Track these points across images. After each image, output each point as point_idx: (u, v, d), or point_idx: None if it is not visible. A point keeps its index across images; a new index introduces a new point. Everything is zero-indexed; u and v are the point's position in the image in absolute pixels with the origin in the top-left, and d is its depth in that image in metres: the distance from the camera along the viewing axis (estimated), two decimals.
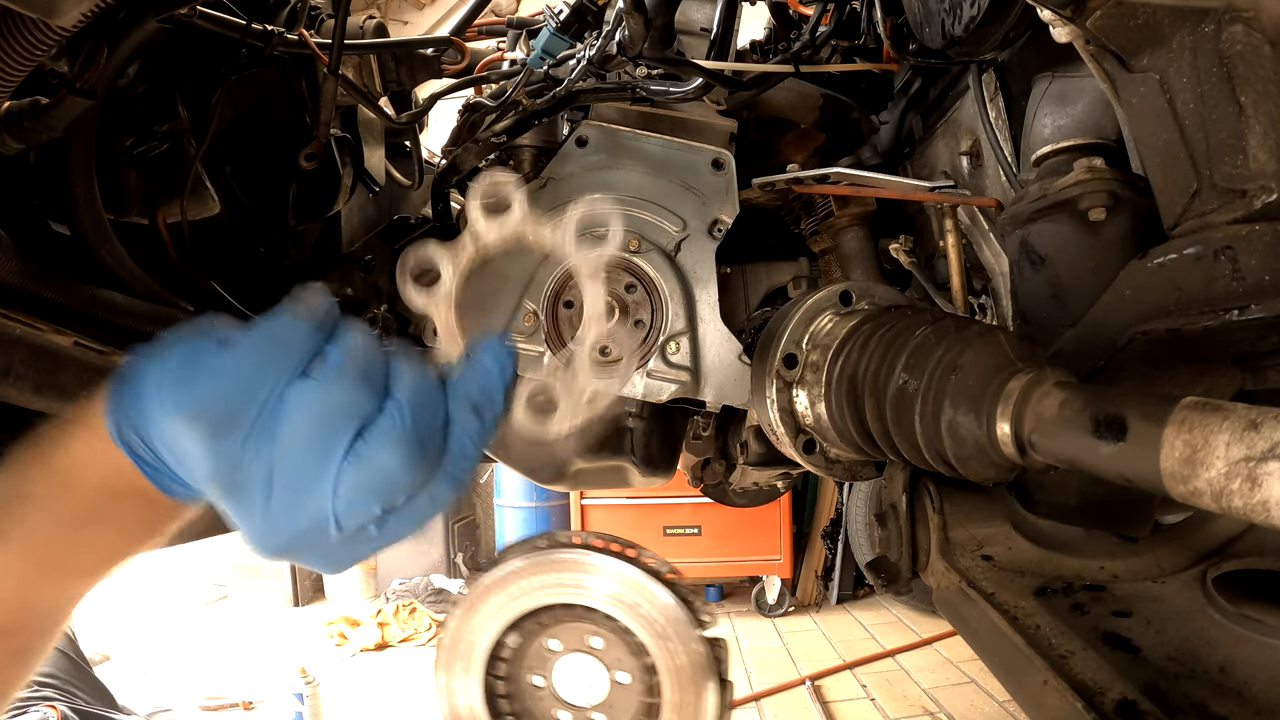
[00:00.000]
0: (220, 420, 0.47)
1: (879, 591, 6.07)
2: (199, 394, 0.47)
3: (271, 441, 0.47)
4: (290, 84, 1.26)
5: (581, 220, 0.55)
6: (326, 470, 0.47)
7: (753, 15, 1.56)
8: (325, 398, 0.48)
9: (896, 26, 1.40)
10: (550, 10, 1.27)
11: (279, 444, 0.47)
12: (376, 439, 0.48)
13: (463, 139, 1.50)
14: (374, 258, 1.40)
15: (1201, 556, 0.98)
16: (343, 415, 0.48)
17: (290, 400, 0.47)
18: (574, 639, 0.90)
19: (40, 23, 0.69)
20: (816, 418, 1.08)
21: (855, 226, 1.50)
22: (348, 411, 0.48)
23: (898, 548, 1.07)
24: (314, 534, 0.48)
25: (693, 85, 1.26)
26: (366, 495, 0.48)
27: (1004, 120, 1.26)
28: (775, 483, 1.94)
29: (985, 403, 0.74)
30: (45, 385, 0.86)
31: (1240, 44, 0.73)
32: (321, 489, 0.47)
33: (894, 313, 1.03)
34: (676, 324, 1.27)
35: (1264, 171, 0.73)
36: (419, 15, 5.29)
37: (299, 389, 0.48)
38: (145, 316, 1.03)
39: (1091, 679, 0.77)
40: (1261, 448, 0.49)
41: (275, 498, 0.47)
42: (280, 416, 0.47)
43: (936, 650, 4.89)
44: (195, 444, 0.48)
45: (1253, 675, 0.77)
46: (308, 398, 0.48)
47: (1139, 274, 0.86)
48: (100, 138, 1.00)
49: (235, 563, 6.49)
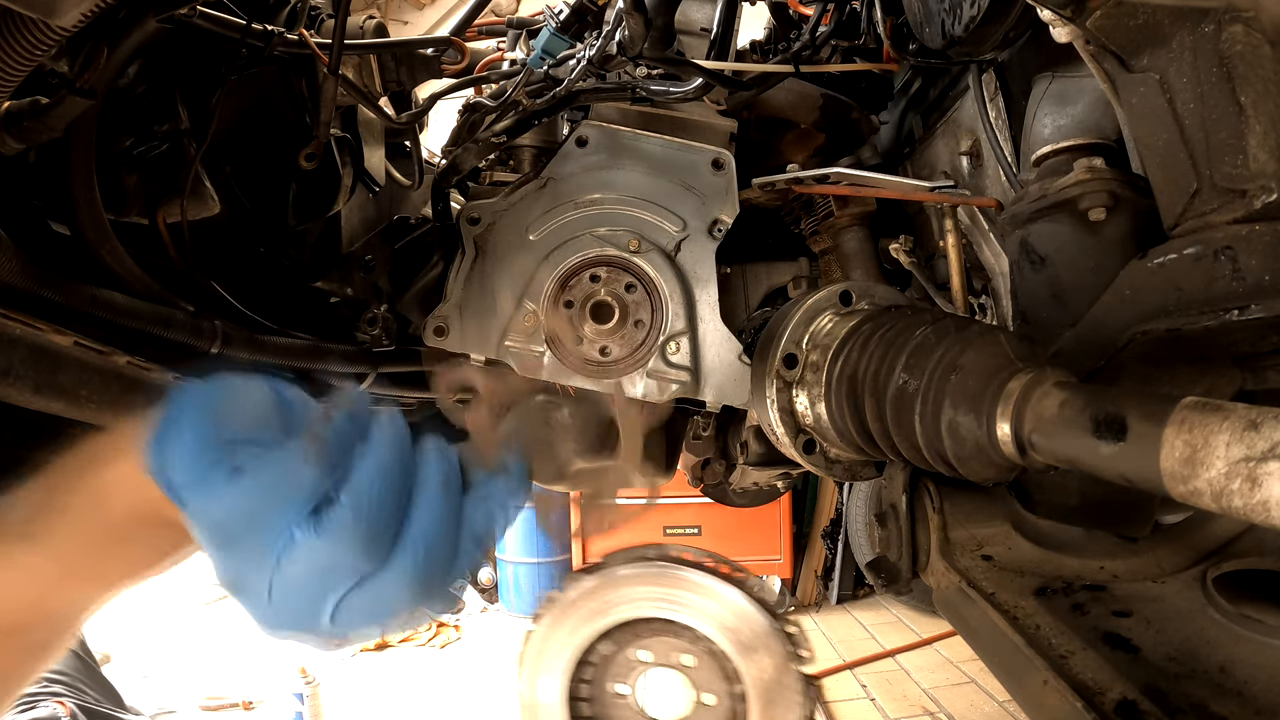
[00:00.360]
0: (225, 542, 0.50)
1: (879, 591, 6.07)
2: (211, 516, 0.50)
3: (275, 567, 0.49)
4: (290, 84, 1.26)
5: None
6: (323, 609, 0.50)
7: (753, 15, 1.56)
8: (326, 555, 0.49)
9: (896, 26, 1.40)
10: (550, 10, 1.27)
11: (280, 576, 0.49)
12: (377, 590, 0.50)
13: (463, 139, 1.50)
14: (374, 258, 1.40)
15: (1201, 556, 0.98)
16: (341, 573, 0.50)
17: (297, 545, 0.49)
18: (666, 653, 0.89)
19: (40, 23, 0.69)
20: (816, 418, 1.08)
21: (855, 226, 1.50)
22: (347, 570, 0.50)
23: (898, 548, 1.07)
24: (310, 637, 0.52)
25: (693, 85, 1.26)
26: (361, 623, 0.51)
27: (1004, 120, 1.26)
28: (775, 483, 1.94)
29: (985, 403, 0.74)
30: (45, 385, 0.86)
31: (1240, 44, 0.73)
32: (317, 619, 0.50)
33: (894, 313, 1.03)
34: (676, 324, 1.27)
35: (1264, 171, 0.73)
36: (419, 15, 5.30)
37: (303, 540, 0.49)
38: (145, 316, 1.02)
39: (1091, 679, 0.77)
40: (1261, 448, 0.49)
41: (274, 607, 0.50)
42: (284, 558, 0.49)
43: (936, 650, 4.89)
44: (205, 545, 0.51)
45: (1253, 675, 0.77)
46: (311, 551, 0.49)
47: (1139, 274, 0.86)
48: (100, 138, 1.00)
49: None
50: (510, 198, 1.30)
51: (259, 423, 0.53)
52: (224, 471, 0.50)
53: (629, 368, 1.28)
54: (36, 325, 0.91)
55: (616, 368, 1.28)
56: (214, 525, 0.50)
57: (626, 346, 1.27)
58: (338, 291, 1.36)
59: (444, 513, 0.53)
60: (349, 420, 0.53)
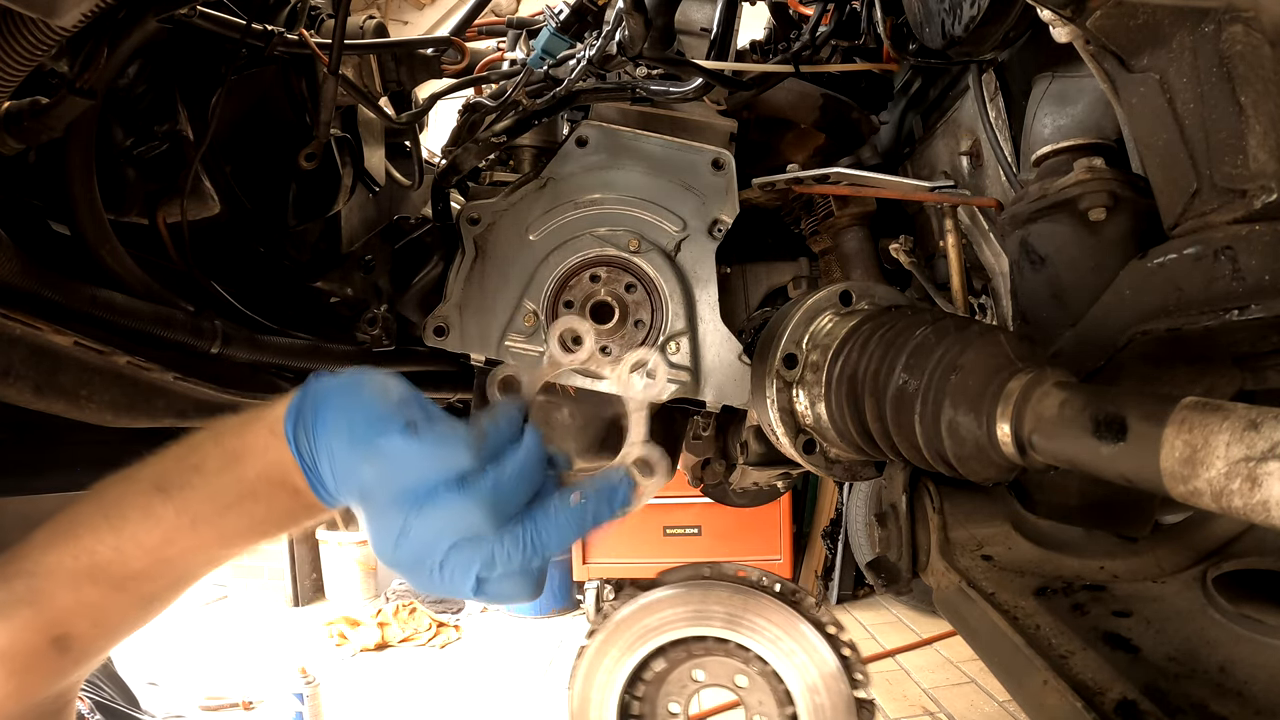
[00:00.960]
0: (379, 486, 0.60)
1: (879, 591, 6.06)
2: (372, 467, 0.60)
3: (416, 511, 0.59)
4: (290, 84, 1.26)
5: (636, 361, 0.70)
6: (438, 549, 0.59)
7: (753, 15, 1.56)
8: (458, 511, 0.59)
9: (896, 26, 1.40)
10: (550, 10, 1.27)
11: (417, 518, 0.59)
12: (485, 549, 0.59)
13: (463, 139, 1.50)
14: (374, 258, 1.40)
15: (1201, 556, 0.98)
16: (462, 526, 0.59)
17: (440, 497, 0.59)
18: (720, 673, 0.90)
19: (40, 23, 0.69)
20: (816, 418, 1.08)
21: (855, 226, 1.50)
22: (467, 526, 0.59)
23: (898, 548, 1.06)
24: (418, 574, 0.60)
25: (693, 85, 1.26)
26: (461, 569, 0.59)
27: (1004, 120, 1.26)
28: (775, 483, 1.94)
29: (985, 403, 0.74)
30: (45, 385, 0.86)
31: (1240, 44, 0.73)
32: (429, 559, 0.59)
33: (894, 313, 1.03)
34: (676, 324, 1.27)
35: (1264, 171, 0.73)
36: (419, 15, 5.29)
37: (446, 496, 0.59)
38: (145, 316, 1.02)
39: (1091, 679, 0.77)
40: (1261, 448, 0.49)
41: (404, 541, 0.59)
42: (426, 504, 0.59)
43: (936, 650, 4.88)
44: (352, 492, 0.61)
45: (1253, 675, 0.77)
46: (448, 505, 0.59)
47: (1139, 274, 0.86)
48: (100, 138, 1.00)
49: (235, 563, 6.49)
50: (510, 198, 1.30)
51: (412, 402, 0.62)
52: (399, 426, 0.60)
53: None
54: (36, 325, 0.91)
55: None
56: (376, 472, 0.59)
57: (626, 346, 1.27)
58: (338, 291, 1.36)
59: (557, 519, 0.62)
60: (505, 424, 0.63)
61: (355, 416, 0.61)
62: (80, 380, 0.91)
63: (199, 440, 0.65)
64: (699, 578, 0.88)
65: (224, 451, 0.64)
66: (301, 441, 0.61)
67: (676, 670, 0.90)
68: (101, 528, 0.62)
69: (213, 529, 0.64)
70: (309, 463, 0.61)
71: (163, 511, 0.62)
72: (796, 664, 0.85)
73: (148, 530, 0.62)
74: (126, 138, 1.10)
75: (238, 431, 0.65)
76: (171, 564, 0.64)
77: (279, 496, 0.64)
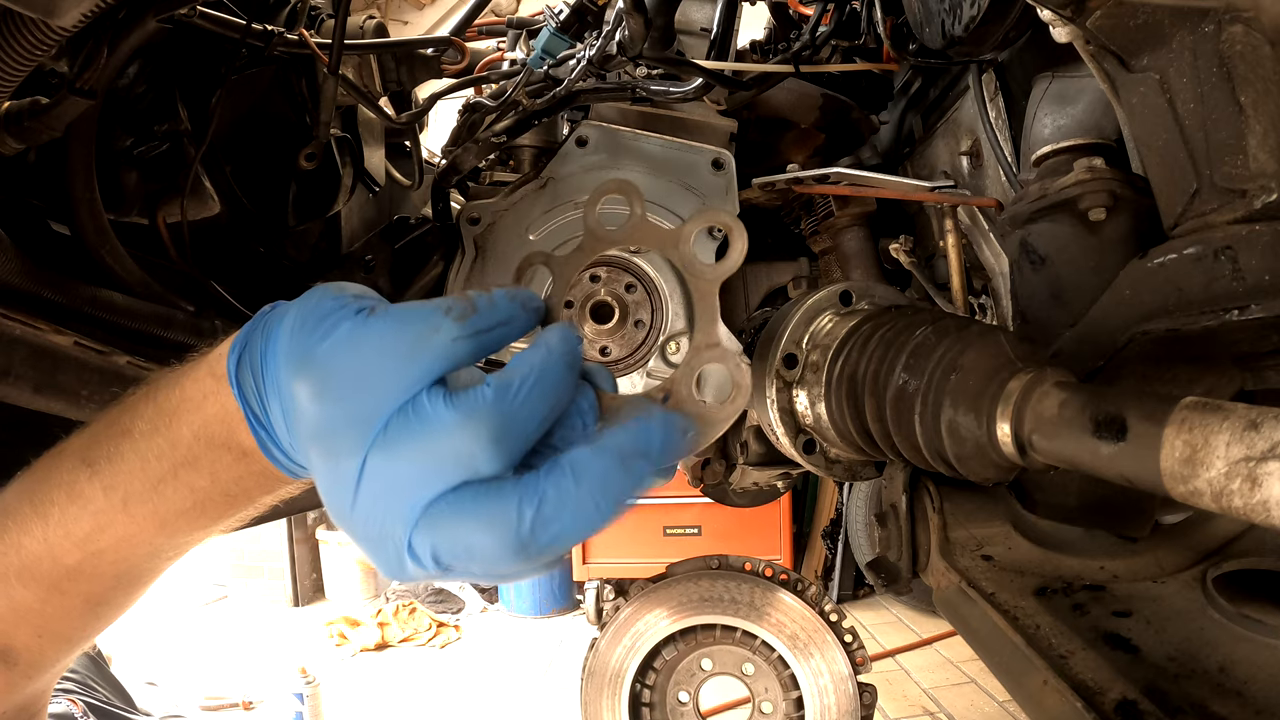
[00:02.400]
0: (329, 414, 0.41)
1: (879, 591, 6.07)
2: (311, 379, 0.42)
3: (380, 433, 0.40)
4: (290, 84, 1.26)
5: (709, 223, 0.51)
6: (417, 500, 0.40)
7: (753, 15, 1.56)
8: (445, 434, 0.39)
9: (896, 26, 1.40)
10: (550, 10, 1.27)
11: (381, 447, 0.40)
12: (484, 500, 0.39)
13: (463, 139, 1.50)
14: (374, 258, 1.40)
15: (1201, 556, 0.98)
16: (454, 462, 0.39)
17: (414, 411, 0.40)
18: (727, 661, 0.92)
19: (40, 23, 0.69)
20: (816, 418, 1.08)
21: (855, 226, 1.50)
22: (462, 460, 0.39)
23: (898, 548, 1.07)
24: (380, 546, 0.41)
25: (693, 85, 1.26)
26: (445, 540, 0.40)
27: (1004, 120, 1.26)
28: (775, 483, 1.94)
29: (985, 403, 0.74)
30: (45, 385, 0.86)
31: (1240, 44, 0.73)
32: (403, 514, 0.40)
33: (894, 313, 1.03)
34: (676, 324, 1.27)
35: (1264, 171, 0.73)
36: (419, 15, 5.30)
37: (426, 407, 0.40)
38: (145, 316, 1.03)
39: (1091, 679, 0.77)
40: (1261, 448, 0.49)
41: (359, 505, 0.41)
42: (394, 424, 0.40)
43: (936, 650, 4.88)
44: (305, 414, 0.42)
45: (1253, 675, 0.77)
46: (428, 425, 0.40)
47: (1139, 274, 0.86)
48: (100, 138, 1.00)
49: (235, 563, 6.49)
50: (510, 198, 1.30)
51: (375, 296, 0.46)
52: (350, 313, 0.42)
53: (629, 368, 1.28)
54: (36, 325, 0.91)
55: (616, 368, 1.28)
56: (316, 384, 0.41)
57: (626, 346, 1.28)
58: None
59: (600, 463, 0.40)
60: (514, 306, 0.44)
61: (305, 316, 0.43)
62: (80, 380, 0.91)
63: (135, 396, 0.51)
64: (706, 569, 0.90)
65: (157, 409, 0.49)
66: (246, 381, 0.45)
67: (685, 659, 0.92)
68: (28, 516, 0.50)
69: (148, 509, 0.50)
70: (256, 410, 0.45)
71: (90, 491, 0.49)
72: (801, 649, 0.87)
73: (75, 516, 0.49)
74: (127, 138, 1.10)
75: (177, 381, 0.49)
76: (105, 557, 0.51)
77: (222, 461, 0.49)
